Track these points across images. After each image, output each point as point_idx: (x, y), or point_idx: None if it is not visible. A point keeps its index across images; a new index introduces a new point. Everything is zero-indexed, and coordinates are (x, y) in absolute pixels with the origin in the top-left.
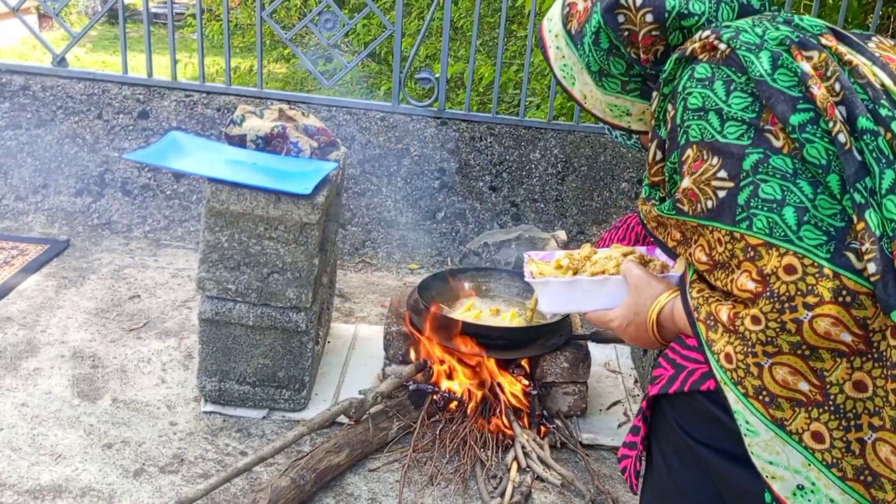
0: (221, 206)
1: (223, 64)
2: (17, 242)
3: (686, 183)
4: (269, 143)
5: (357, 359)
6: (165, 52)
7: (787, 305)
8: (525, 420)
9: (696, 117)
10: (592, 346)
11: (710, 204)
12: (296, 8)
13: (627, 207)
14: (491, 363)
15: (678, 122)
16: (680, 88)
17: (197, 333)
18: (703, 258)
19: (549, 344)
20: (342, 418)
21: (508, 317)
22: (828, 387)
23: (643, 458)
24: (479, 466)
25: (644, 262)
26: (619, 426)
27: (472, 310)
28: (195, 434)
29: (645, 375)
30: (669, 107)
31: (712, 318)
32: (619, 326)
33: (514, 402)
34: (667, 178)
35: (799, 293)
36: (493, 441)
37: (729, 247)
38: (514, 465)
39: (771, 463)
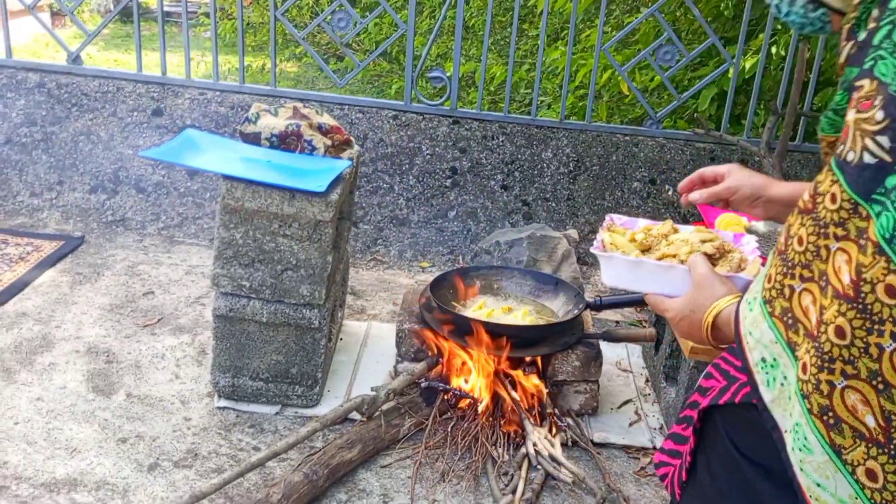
0: (236, 203)
1: (235, 62)
2: (33, 238)
3: (849, 116)
4: (284, 141)
5: (369, 356)
6: (178, 50)
7: (876, 327)
8: (537, 418)
9: (895, 52)
10: (604, 345)
11: (851, 157)
12: (307, 7)
13: (639, 207)
14: (503, 361)
15: (874, 41)
16: (893, 4)
17: (210, 330)
18: (826, 202)
19: (560, 342)
20: (354, 415)
21: (520, 315)
22: (892, 431)
23: (688, 468)
24: (490, 463)
25: (723, 252)
26: (631, 425)
27: (483, 308)
28: (209, 429)
29: (656, 375)
30: (876, 11)
31: (790, 315)
32: (673, 318)
33: (525, 400)
34: (839, 88)
35: (891, 320)
36: (505, 439)
37: (845, 215)
38: (526, 463)
39: (818, 485)
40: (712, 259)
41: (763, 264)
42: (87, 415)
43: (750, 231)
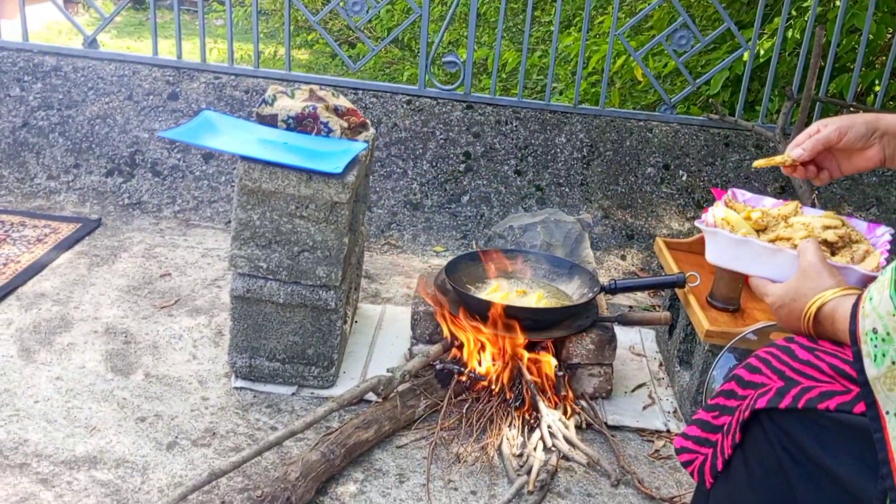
0: (254, 184)
1: (248, 50)
2: (50, 221)
3: None
4: (300, 123)
5: (384, 338)
6: (191, 38)
7: None
8: (551, 400)
9: None
10: (618, 330)
11: None
12: None
13: (653, 192)
14: (517, 344)
15: None
16: None
17: (227, 311)
18: None
19: (575, 325)
20: (370, 395)
21: (535, 298)
22: None
23: (727, 460)
24: (505, 445)
25: (848, 241)
26: (644, 408)
27: (498, 291)
28: (226, 409)
29: (670, 360)
30: None
31: None
32: (773, 304)
33: (540, 382)
34: None
35: None
36: (520, 421)
37: None
38: (540, 445)
39: None
40: (834, 247)
41: (889, 259)
42: (106, 394)
43: None
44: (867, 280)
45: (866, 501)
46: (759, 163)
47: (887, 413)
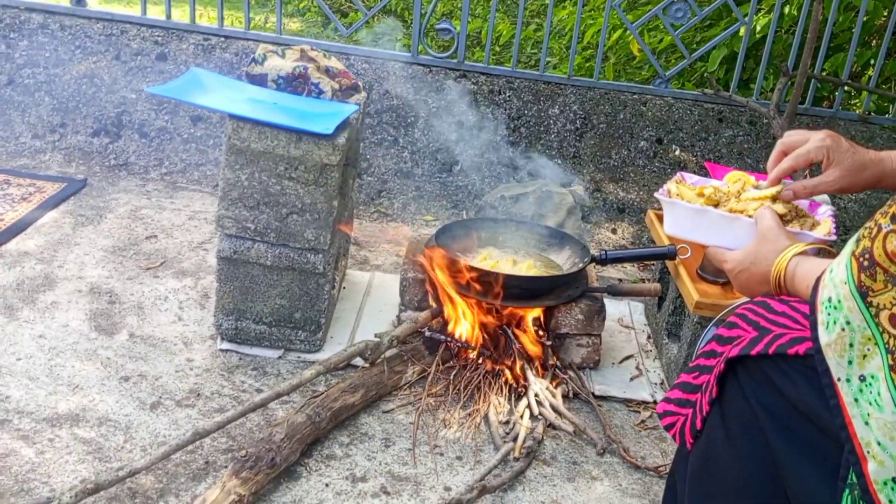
0: (242, 143)
1: (238, 17)
2: (35, 180)
3: None
4: (291, 83)
5: (372, 305)
6: (180, 5)
7: None
8: (538, 369)
9: None
10: (608, 301)
11: None
12: None
13: (645, 166)
14: (506, 312)
15: None
16: None
17: (213, 274)
18: None
19: (564, 295)
20: (358, 360)
21: (524, 267)
22: None
23: (704, 417)
24: (492, 412)
25: (796, 216)
26: (632, 380)
27: (488, 259)
28: (211, 371)
29: (658, 332)
30: None
31: (868, 257)
32: (732, 270)
33: (527, 350)
34: None
35: None
36: (507, 389)
37: None
38: (527, 413)
39: (879, 443)
40: (783, 219)
41: (837, 227)
42: (90, 353)
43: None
44: (820, 244)
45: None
46: (753, 197)
47: (839, 380)
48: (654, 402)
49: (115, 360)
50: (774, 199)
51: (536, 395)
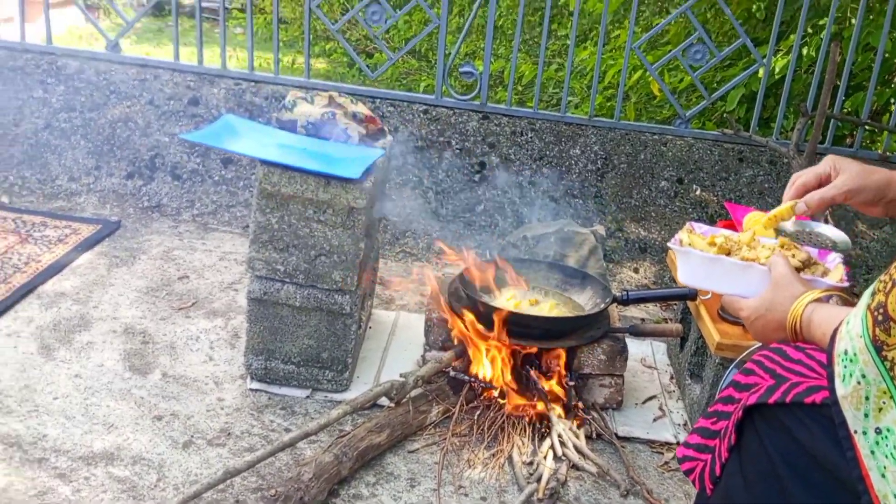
0: (273, 188)
1: (267, 58)
2: (71, 222)
3: None
4: (319, 129)
5: (397, 344)
6: (210, 46)
7: None
8: (561, 410)
9: None
10: (630, 341)
11: None
12: (338, 3)
13: (667, 206)
14: (528, 352)
15: None
16: None
17: (243, 314)
18: None
19: (586, 336)
20: (383, 400)
21: (547, 307)
22: None
23: (723, 464)
24: (516, 453)
25: (808, 265)
26: (655, 420)
27: (511, 299)
28: (241, 410)
29: (681, 372)
30: None
31: (882, 311)
32: (748, 318)
33: (550, 390)
34: None
35: None
36: (530, 429)
37: None
38: (551, 453)
39: (895, 497)
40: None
41: (850, 274)
42: (124, 392)
43: (778, 232)
44: (834, 291)
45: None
46: (765, 222)
47: (855, 432)
48: (678, 444)
49: (148, 400)
50: (784, 246)
51: (560, 436)
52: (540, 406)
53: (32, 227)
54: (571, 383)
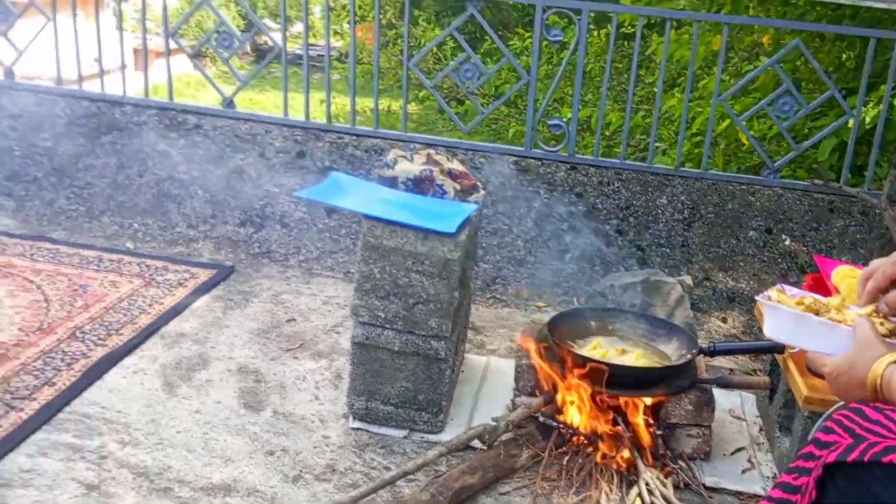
0: (376, 240)
1: (361, 103)
2: (189, 266)
3: None
4: (418, 185)
5: (489, 388)
6: (314, 90)
7: None
8: (649, 458)
9: None
10: (718, 392)
11: None
12: (431, 54)
13: (755, 256)
14: (616, 401)
15: None
16: None
17: (345, 356)
18: None
19: (673, 386)
20: (476, 442)
21: (633, 357)
22: None
23: None
24: (604, 499)
25: (894, 333)
26: (743, 472)
27: (598, 348)
28: (345, 447)
29: (770, 424)
30: None
31: None
32: (830, 374)
33: (638, 439)
34: None
35: None
36: (618, 477)
37: None
38: (638, 501)
39: None
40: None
41: None
42: (239, 428)
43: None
44: None
45: None
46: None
47: None
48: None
49: (261, 435)
50: (874, 317)
51: (647, 485)
52: (627, 454)
53: (155, 272)
54: (659, 432)
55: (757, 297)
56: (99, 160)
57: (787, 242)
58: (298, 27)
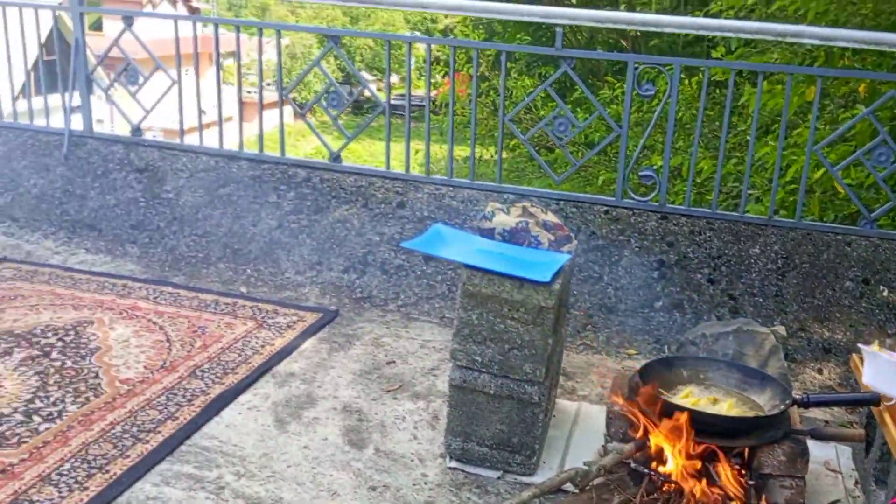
0: (475, 288)
1: (457, 153)
2: (297, 310)
3: None
4: (514, 236)
5: (580, 434)
6: (402, 140)
7: None
8: None
9: None
10: (812, 444)
11: None
12: (520, 101)
13: (851, 307)
14: (708, 449)
15: None
16: None
17: (442, 398)
18: None
19: (766, 436)
20: (568, 486)
21: (725, 406)
22: None
23: None
24: None
25: None
26: None
27: (689, 397)
28: (442, 486)
29: (866, 478)
30: None
31: None
32: None
33: (730, 489)
34: None
35: None
36: None
37: None
38: None
39: None
40: None
41: None
42: (344, 464)
43: None
44: None
45: None
46: None
47: None
48: None
49: (364, 471)
50: None
51: None
52: (720, 502)
53: (267, 315)
54: (751, 482)
55: (859, 344)
56: (216, 210)
57: (885, 293)
58: (392, 78)
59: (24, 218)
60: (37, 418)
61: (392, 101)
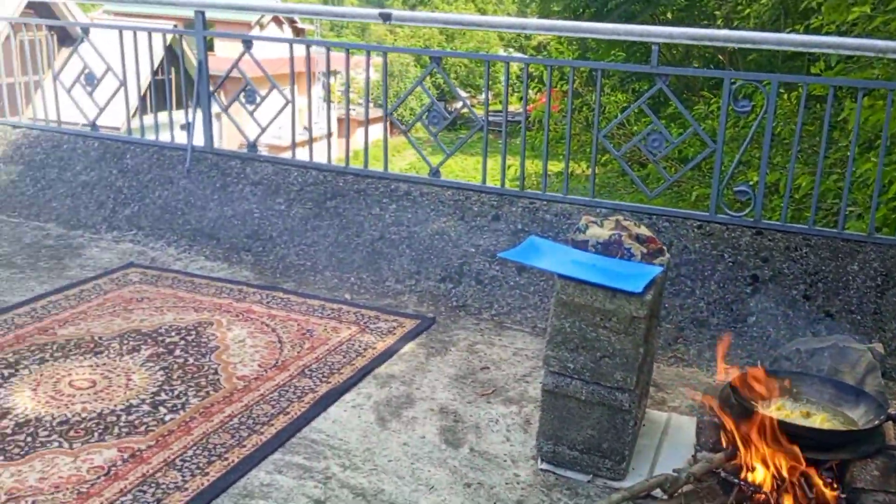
0: (568, 298)
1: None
2: (397, 317)
3: None
4: (607, 249)
5: (669, 443)
6: (494, 155)
7: None
8: None
9: None
10: None
11: None
12: (613, 117)
13: None
14: (800, 462)
15: None
16: None
17: (533, 403)
18: None
19: (860, 450)
20: (657, 492)
21: (818, 420)
22: None
23: None
24: None
25: None
26: None
27: (782, 409)
28: (534, 486)
29: None
30: None
31: None
32: None
33: (822, 501)
34: None
35: None
36: None
37: None
38: None
39: None
40: None
41: None
42: (441, 461)
43: None
44: None
45: None
46: None
47: None
48: None
49: (459, 469)
50: None
51: None
52: None
53: (369, 320)
54: (843, 496)
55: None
56: (324, 222)
57: None
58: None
59: (150, 227)
60: (162, 409)
61: (490, 117)
